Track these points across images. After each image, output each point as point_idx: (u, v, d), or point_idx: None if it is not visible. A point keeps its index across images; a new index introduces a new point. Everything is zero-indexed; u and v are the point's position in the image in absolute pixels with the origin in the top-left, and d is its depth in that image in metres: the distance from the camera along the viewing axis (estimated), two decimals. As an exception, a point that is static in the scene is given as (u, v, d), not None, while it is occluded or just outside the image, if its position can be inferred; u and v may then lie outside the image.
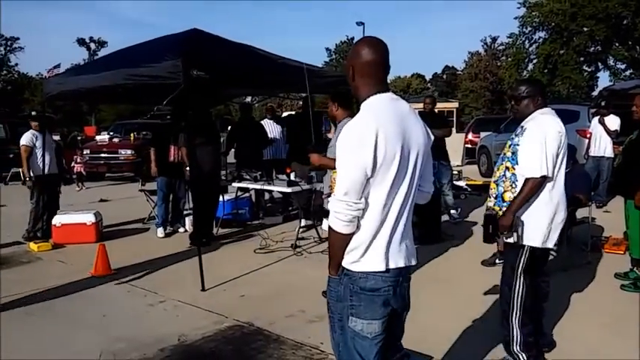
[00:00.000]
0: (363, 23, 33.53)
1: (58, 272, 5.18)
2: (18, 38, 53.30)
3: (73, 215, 6.50)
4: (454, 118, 19.32)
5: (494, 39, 48.16)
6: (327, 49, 59.14)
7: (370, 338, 1.86)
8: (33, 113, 7.07)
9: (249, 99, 15.48)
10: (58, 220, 6.31)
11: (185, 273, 5.02)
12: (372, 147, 1.71)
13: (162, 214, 6.87)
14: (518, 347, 2.92)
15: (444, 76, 59.91)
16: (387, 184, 1.78)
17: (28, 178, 6.35)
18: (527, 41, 30.06)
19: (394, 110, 1.84)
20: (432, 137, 1.99)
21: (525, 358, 2.92)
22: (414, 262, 1.94)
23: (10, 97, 47.88)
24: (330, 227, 1.85)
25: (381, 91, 1.86)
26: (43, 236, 6.34)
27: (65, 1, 77.84)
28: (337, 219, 1.79)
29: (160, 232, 6.81)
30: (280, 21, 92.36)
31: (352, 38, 59.18)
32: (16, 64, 53.91)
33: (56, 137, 13.85)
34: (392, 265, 1.84)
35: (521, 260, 2.88)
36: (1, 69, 53.70)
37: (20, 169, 12.88)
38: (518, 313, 2.90)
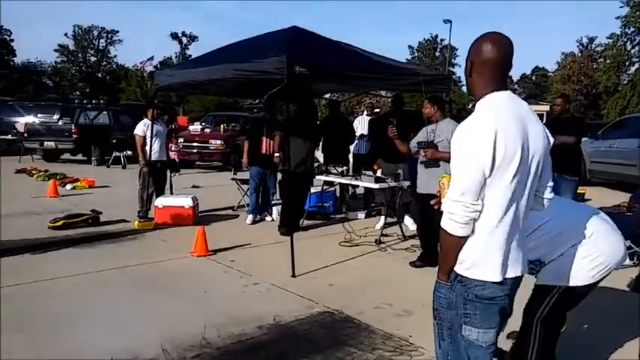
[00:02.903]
0: (450, 21, 32.88)
1: (160, 250, 5.63)
2: (118, 31, 57.63)
3: (173, 198, 7.02)
4: (543, 121, 18.43)
5: (591, 39, 45.38)
6: (410, 46, 58.48)
7: (485, 347, 1.82)
8: (155, 101, 7.60)
9: (330, 95, 15.75)
10: (160, 202, 6.83)
11: (275, 259, 5.28)
12: (491, 145, 1.65)
13: (253, 203, 7.23)
14: None
15: (533, 77, 57.22)
16: (505, 185, 1.70)
17: (142, 164, 6.94)
18: (629, 42, 28.09)
19: (513, 108, 1.77)
20: (552, 140, 1.89)
21: None
22: (526, 272, 1.88)
23: (109, 87, 51.79)
24: (442, 230, 1.77)
25: (498, 89, 1.78)
26: (146, 216, 6.90)
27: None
28: (452, 220, 1.72)
29: (250, 219, 7.17)
30: (362, 18, 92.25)
31: (436, 36, 58.15)
32: (115, 56, 58.25)
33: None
34: (510, 275, 1.78)
35: None
36: (102, 60, 58.21)
37: (121, 154, 14.04)
38: None
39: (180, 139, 14.09)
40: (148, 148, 6.91)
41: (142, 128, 6.93)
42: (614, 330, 3.68)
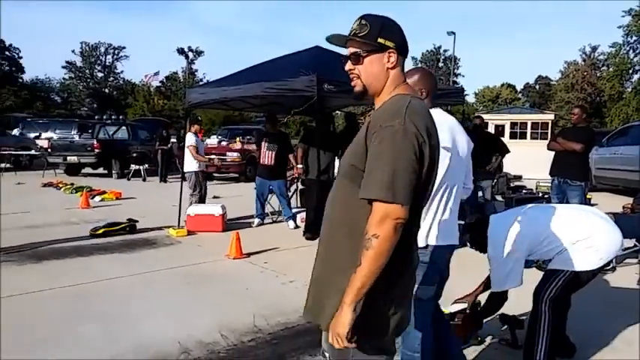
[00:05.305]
0: (454, 33, 33.40)
1: (197, 253, 6.09)
2: (124, 47, 58.74)
3: (204, 207, 7.50)
4: (548, 131, 18.86)
5: (594, 48, 45.87)
6: (413, 57, 59.06)
7: (425, 300, 2.44)
8: (199, 118, 8.52)
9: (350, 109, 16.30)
10: (192, 210, 7.30)
11: (305, 260, 5.60)
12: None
13: (258, 209, 7.86)
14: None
15: (537, 87, 57.64)
16: (441, 173, 2.31)
17: (195, 173, 7.74)
18: (631, 51, 28.59)
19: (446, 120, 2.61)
20: (472, 145, 2.71)
21: None
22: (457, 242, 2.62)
23: (116, 102, 52.64)
24: None
25: (433, 107, 2.46)
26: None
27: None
28: None
29: (256, 222, 7.82)
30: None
31: (439, 47, 58.89)
32: (122, 72, 59.29)
33: (174, 140, 15.45)
34: (440, 243, 2.44)
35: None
36: (109, 76, 59.23)
37: (141, 167, 14.52)
38: None
39: (198, 152, 14.62)
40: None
41: (194, 139, 7.74)
42: (625, 321, 4.10)
